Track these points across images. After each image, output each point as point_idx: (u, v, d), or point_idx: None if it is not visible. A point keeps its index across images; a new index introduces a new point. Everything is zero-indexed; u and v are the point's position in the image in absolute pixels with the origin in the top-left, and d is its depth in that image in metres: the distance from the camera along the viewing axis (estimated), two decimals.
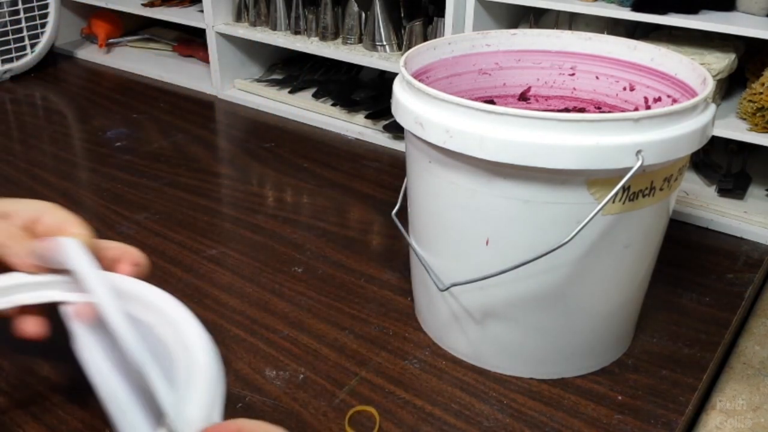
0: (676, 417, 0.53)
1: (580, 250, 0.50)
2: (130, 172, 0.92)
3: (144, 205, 0.84)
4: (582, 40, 0.63)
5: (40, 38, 1.28)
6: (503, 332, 0.56)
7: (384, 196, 0.86)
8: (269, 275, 0.70)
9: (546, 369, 0.57)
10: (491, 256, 0.52)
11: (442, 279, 0.55)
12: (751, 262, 0.73)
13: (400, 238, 0.71)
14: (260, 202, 0.85)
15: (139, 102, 1.17)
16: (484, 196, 0.50)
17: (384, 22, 1.01)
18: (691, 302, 0.66)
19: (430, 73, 0.61)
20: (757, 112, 0.74)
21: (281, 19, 1.11)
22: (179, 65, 1.32)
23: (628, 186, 0.47)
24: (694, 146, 0.48)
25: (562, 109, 0.66)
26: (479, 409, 0.54)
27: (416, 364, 0.59)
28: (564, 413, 0.54)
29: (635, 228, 0.51)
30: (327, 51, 1.04)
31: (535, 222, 0.49)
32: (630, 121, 0.45)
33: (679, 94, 0.57)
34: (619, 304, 0.56)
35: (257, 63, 1.23)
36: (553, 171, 0.46)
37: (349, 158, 0.97)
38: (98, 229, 0.79)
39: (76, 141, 1.04)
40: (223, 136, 1.07)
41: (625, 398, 0.55)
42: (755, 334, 0.64)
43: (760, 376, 0.59)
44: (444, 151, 0.49)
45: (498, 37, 0.64)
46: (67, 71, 1.33)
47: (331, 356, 0.59)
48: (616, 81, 0.62)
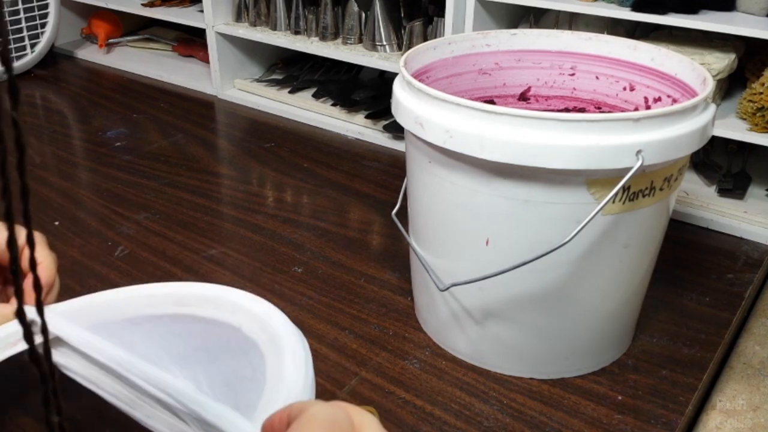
0: (676, 417, 0.53)
1: (579, 250, 0.50)
2: (130, 172, 0.92)
3: (144, 205, 0.84)
4: (582, 40, 0.63)
5: (40, 38, 1.28)
6: (503, 332, 0.56)
7: (384, 196, 0.86)
8: (269, 275, 0.70)
9: (546, 369, 0.57)
10: (491, 256, 0.52)
11: (442, 279, 0.55)
12: (751, 262, 0.73)
13: (400, 238, 0.71)
14: (260, 202, 0.85)
15: (139, 102, 1.17)
16: (484, 196, 0.50)
17: (384, 22, 1.01)
18: (691, 302, 0.66)
19: (430, 73, 0.61)
20: (757, 112, 0.74)
21: (281, 19, 1.11)
22: (179, 65, 1.32)
23: (628, 186, 0.47)
24: (694, 146, 0.48)
25: (562, 109, 0.66)
26: (479, 409, 0.54)
27: (416, 364, 0.59)
28: (564, 413, 0.54)
29: (635, 228, 0.51)
30: (327, 51, 1.04)
31: (535, 222, 0.49)
32: (630, 121, 0.45)
33: (679, 94, 0.57)
34: (619, 304, 0.56)
35: (257, 63, 1.23)
36: (553, 171, 0.46)
37: (349, 158, 0.97)
38: (98, 229, 0.80)
39: (76, 141, 1.04)
40: (223, 136, 1.07)
41: (625, 398, 0.55)
42: (755, 334, 0.64)
43: (760, 376, 0.59)
44: (444, 151, 0.49)
45: (498, 37, 0.64)
46: (67, 71, 1.33)
47: (331, 356, 0.59)
48: (616, 81, 0.62)
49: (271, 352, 0.42)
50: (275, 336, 0.43)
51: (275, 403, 0.37)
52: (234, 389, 0.40)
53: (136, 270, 0.71)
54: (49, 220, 0.81)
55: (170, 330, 0.46)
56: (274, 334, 0.43)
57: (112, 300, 0.48)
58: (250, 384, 0.40)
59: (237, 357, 0.42)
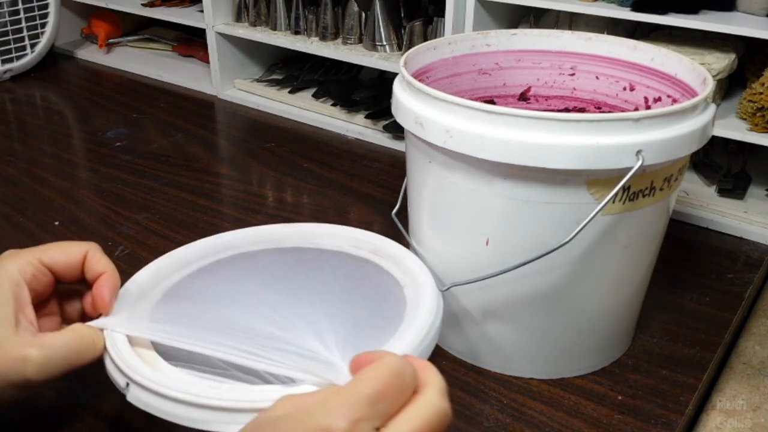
0: (676, 417, 0.53)
1: (579, 250, 0.50)
2: (130, 172, 0.92)
3: (144, 205, 0.84)
4: (582, 40, 0.63)
5: (40, 38, 1.28)
6: (503, 332, 0.56)
7: (384, 196, 0.86)
8: None
9: (546, 369, 0.57)
10: (491, 256, 0.52)
11: (442, 279, 0.55)
12: (751, 262, 0.73)
13: (400, 238, 0.71)
14: (260, 202, 0.85)
15: (139, 102, 1.17)
16: (484, 196, 0.50)
17: (384, 22, 1.01)
18: (691, 302, 0.66)
19: (430, 73, 0.61)
20: (757, 112, 0.74)
21: (281, 19, 1.11)
22: (179, 65, 1.32)
23: (628, 186, 0.47)
24: (694, 146, 0.48)
25: (562, 109, 0.66)
26: (479, 409, 0.54)
27: None
28: (564, 413, 0.54)
29: (635, 228, 0.51)
30: (327, 51, 1.04)
31: (535, 222, 0.49)
32: (630, 121, 0.45)
33: (679, 94, 0.57)
34: (619, 304, 0.56)
35: (257, 63, 1.23)
36: (553, 171, 0.46)
37: (349, 158, 0.97)
38: (98, 229, 0.80)
39: (76, 141, 1.04)
40: (223, 136, 1.07)
41: (625, 398, 0.55)
42: (755, 334, 0.64)
43: (760, 376, 0.59)
44: (444, 151, 0.49)
45: (498, 37, 0.64)
46: (67, 71, 1.33)
47: None
48: (616, 81, 0.62)
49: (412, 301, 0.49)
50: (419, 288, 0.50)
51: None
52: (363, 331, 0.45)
53: (136, 270, 0.71)
54: (49, 220, 0.81)
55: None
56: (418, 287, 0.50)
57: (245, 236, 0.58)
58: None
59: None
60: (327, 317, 0.44)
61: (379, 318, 0.47)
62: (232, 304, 0.48)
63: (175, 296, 0.51)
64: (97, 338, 0.45)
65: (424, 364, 0.36)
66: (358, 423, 0.31)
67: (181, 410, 0.39)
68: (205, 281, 0.53)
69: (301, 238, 0.58)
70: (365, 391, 0.32)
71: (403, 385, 0.33)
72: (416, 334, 0.44)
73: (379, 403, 0.32)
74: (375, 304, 0.49)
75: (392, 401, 0.33)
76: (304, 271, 0.53)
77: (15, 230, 0.78)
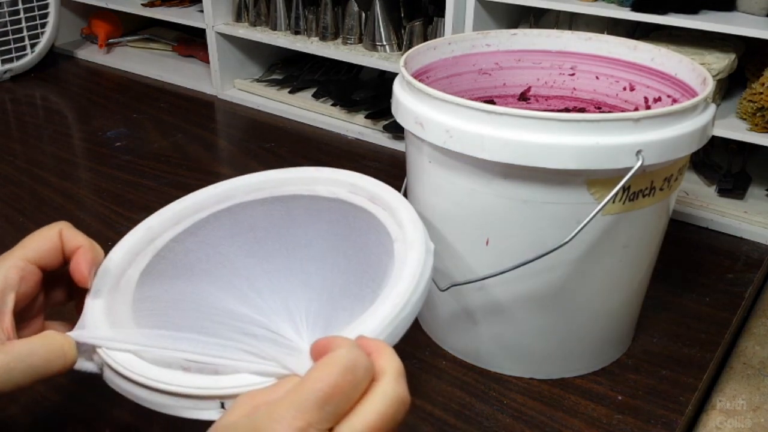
0: (676, 417, 0.53)
1: (579, 250, 0.50)
2: (130, 172, 0.92)
3: (144, 205, 0.84)
4: (582, 40, 0.63)
5: (40, 38, 1.28)
6: (503, 332, 0.56)
7: None
8: None
9: (546, 369, 0.57)
10: (491, 256, 0.52)
11: (442, 279, 0.55)
12: (751, 262, 0.73)
13: None
14: None
15: (139, 102, 1.17)
16: (484, 196, 0.50)
17: (384, 22, 1.01)
18: (691, 302, 0.66)
19: (430, 73, 0.61)
20: (757, 112, 0.74)
21: (281, 19, 1.11)
22: (179, 65, 1.32)
23: (628, 186, 0.47)
24: (694, 146, 0.48)
25: (562, 109, 0.66)
26: (479, 409, 0.54)
27: (416, 364, 0.59)
28: (564, 413, 0.54)
29: (635, 228, 0.51)
30: (327, 51, 1.04)
31: (535, 222, 0.49)
32: (630, 121, 0.45)
33: (679, 94, 0.57)
34: (619, 304, 0.56)
35: (257, 63, 1.23)
36: (553, 171, 0.46)
37: (349, 158, 0.97)
38: (98, 229, 0.79)
39: (76, 141, 1.04)
40: (223, 136, 1.07)
41: (625, 398, 0.55)
42: (755, 334, 0.64)
43: (760, 376, 0.59)
44: (444, 151, 0.49)
45: (498, 37, 0.64)
46: (67, 71, 1.33)
47: None
48: (616, 81, 0.62)
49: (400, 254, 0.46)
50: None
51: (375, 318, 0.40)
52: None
53: None
54: (49, 220, 0.80)
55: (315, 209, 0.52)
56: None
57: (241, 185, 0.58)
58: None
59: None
60: (303, 287, 0.43)
61: (358, 287, 0.44)
62: (206, 276, 0.46)
63: (154, 272, 0.50)
64: (68, 347, 0.41)
65: (380, 347, 0.35)
66: (305, 430, 0.30)
67: (152, 396, 0.39)
68: (188, 245, 0.51)
69: (299, 185, 0.56)
70: (312, 395, 0.31)
71: (355, 380, 0.32)
72: (393, 307, 0.41)
73: (328, 405, 0.31)
74: (358, 266, 0.46)
75: (343, 400, 0.32)
76: (289, 227, 0.50)
77: (15, 230, 0.78)
